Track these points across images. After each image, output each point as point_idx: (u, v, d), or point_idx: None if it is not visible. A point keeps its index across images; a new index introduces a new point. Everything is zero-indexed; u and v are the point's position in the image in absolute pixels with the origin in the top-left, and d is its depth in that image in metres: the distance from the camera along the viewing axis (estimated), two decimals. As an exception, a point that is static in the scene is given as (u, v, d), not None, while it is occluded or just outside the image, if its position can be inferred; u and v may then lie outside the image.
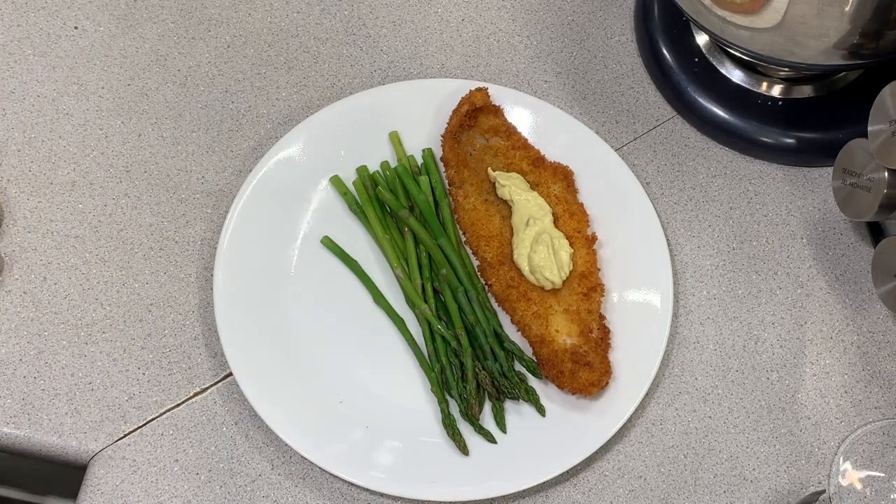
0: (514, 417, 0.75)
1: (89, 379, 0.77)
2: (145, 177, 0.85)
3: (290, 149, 0.83)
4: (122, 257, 0.81)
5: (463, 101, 0.83)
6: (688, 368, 0.79)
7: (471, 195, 0.81)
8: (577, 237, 0.79)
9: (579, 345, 0.75)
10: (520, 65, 0.91)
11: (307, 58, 0.90)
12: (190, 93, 0.88)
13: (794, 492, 0.75)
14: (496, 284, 0.78)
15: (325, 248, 0.81)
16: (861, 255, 0.83)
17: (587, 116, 0.88)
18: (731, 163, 0.87)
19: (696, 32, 0.90)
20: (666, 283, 0.78)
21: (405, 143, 0.84)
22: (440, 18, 0.93)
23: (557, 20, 0.93)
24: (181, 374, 0.77)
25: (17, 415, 0.76)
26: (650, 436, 0.76)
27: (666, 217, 0.84)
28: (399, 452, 0.74)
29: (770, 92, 0.87)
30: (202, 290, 0.80)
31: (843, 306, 0.81)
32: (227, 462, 0.75)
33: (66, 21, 0.91)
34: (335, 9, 0.93)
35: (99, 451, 0.75)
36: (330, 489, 0.74)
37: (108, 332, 0.79)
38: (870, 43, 0.73)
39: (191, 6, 0.92)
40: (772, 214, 0.85)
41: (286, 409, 0.74)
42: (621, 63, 0.91)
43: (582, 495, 0.74)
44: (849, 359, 0.79)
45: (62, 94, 0.88)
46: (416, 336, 0.78)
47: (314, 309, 0.79)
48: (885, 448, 0.62)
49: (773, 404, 0.78)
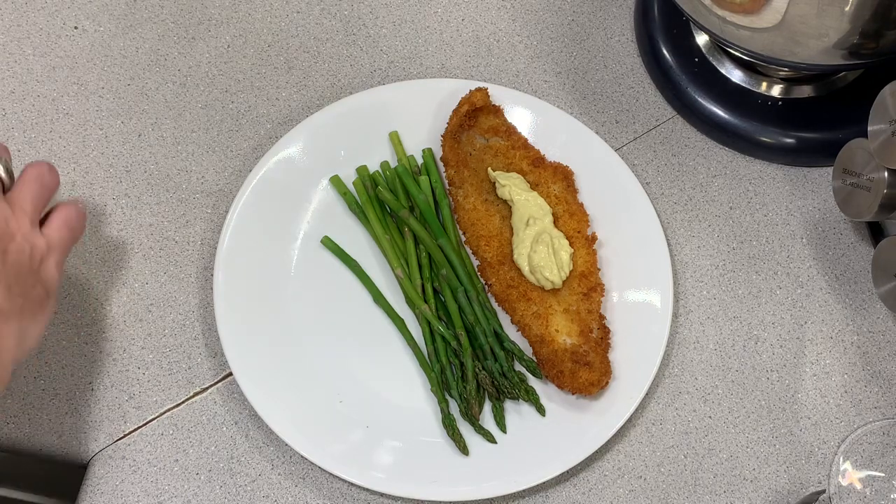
0: (514, 417, 0.75)
1: (89, 379, 0.77)
2: (145, 177, 0.85)
3: (290, 149, 0.83)
4: (122, 257, 0.81)
5: (463, 101, 0.83)
6: (688, 368, 0.79)
7: (471, 195, 0.81)
8: (577, 237, 0.79)
9: (579, 345, 0.75)
10: (520, 65, 0.91)
11: (307, 58, 0.91)
12: (190, 93, 0.88)
13: (794, 492, 0.75)
14: (496, 284, 0.78)
15: (325, 248, 0.81)
16: (861, 255, 0.83)
17: (587, 116, 0.88)
18: (731, 163, 0.87)
19: (696, 32, 0.90)
20: (666, 283, 0.78)
21: (405, 143, 0.84)
22: (440, 18, 0.93)
23: (557, 20, 0.93)
24: (181, 374, 0.77)
25: (17, 415, 0.76)
26: (650, 436, 0.76)
27: (666, 217, 0.84)
28: (399, 452, 0.74)
29: (770, 92, 0.87)
30: (202, 290, 0.80)
31: (843, 306, 0.81)
32: (227, 462, 0.75)
33: (66, 21, 0.91)
34: (335, 9, 0.93)
35: (99, 451, 0.75)
36: (330, 489, 0.74)
37: (108, 332, 0.79)
38: (870, 43, 0.73)
39: (191, 6, 0.92)
40: (772, 214, 0.85)
41: (286, 409, 0.74)
42: (621, 63, 0.91)
43: (582, 495, 0.74)
44: (849, 359, 0.79)
45: (62, 94, 0.88)
46: (416, 336, 0.78)
47: (314, 309, 0.79)
48: (885, 448, 0.62)
49: (773, 404, 0.78)
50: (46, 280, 0.65)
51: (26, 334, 0.63)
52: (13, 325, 0.62)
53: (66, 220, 0.68)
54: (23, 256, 0.63)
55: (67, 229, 0.68)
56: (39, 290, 0.64)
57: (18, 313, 0.62)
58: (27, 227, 0.64)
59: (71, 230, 0.68)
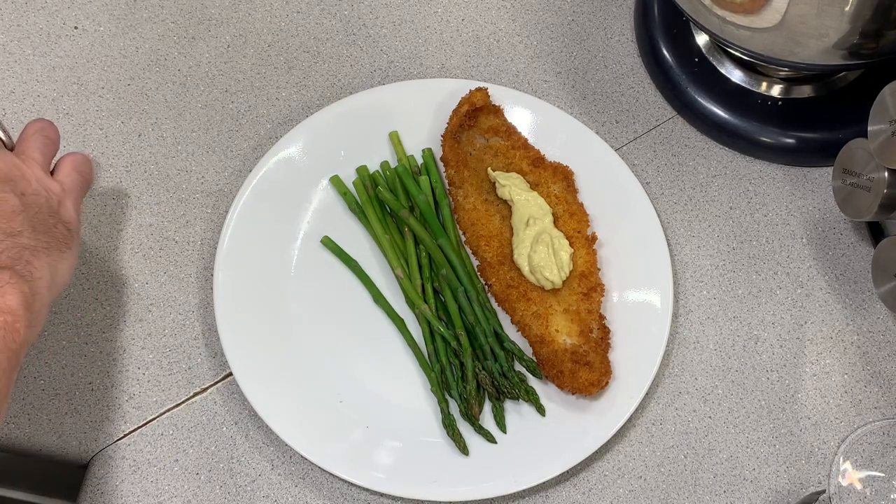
0: (514, 417, 0.75)
1: (89, 379, 0.77)
2: (145, 177, 0.85)
3: (290, 149, 0.83)
4: (122, 257, 0.81)
5: (463, 101, 0.83)
6: (688, 368, 0.79)
7: (471, 195, 0.81)
8: (577, 237, 0.79)
9: (579, 345, 0.75)
10: (520, 65, 0.91)
11: (307, 58, 0.91)
12: (190, 93, 0.88)
13: (794, 492, 0.75)
14: (496, 284, 0.78)
15: (325, 248, 0.81)
16: (861, 255, 0.83)
17: (587, 116, 0.88)
18: (731, 163, 0.87)
19: (696, 32, 0.90)
20: (666, 283, 0.78)
21: (405, 143, 0.84)
22: (440, 18, 0.93)
23: (557, 20, 0.93)
24: (181, 374, 0.77)
25: (17, 415, 0.76)
26: (650, 436, 0.76)
27: (666, 217, 0.84)
28: (399, 452, 0.74)
29: (770, 92, 0.87)
30: (202, 290, 0.80)
31: (843, 306, 0.81)
32: (227, 462, 0.75)
33: (66, 21, 0.91)
34: (335, 9, 0.93)
35: (99, 451, 0.75)
36: (330, 489, 0.74)
37: (108, 332, 0.79)
38: (870, 43, 0.73)
39: (191, 6, 0.92)
40: (772, 214, 0.85)
41: (286, 409, 0.74)
42: (621, 63, 0.91)
43: (582, 495, 0.74)
44: (849, 359, 0.79)
45: (62, 94, 0.88)
46: (416, 336, 0.78)
47: (314, 309, 0.79)
48: (885, 448, 0.62)
49: (773, 404, 0.78)
50: (66, 219, 0.69)
51: (58, 265, 0.66)
52: (44, 259, 0.65)
53: (74, 165, 0.72)
54: (40, 199, 0.67)
55: (78, 173, 0.72)
56: (62, 229, 0.68)
57: (46, 248, 0.65)
58: (40, 173, 0.69)
59: (81, 174, 0.73)
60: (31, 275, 0.63)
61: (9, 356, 0.59)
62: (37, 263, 0.64)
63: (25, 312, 0.61)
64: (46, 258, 0.65)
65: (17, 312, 0.60)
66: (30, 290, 0.62)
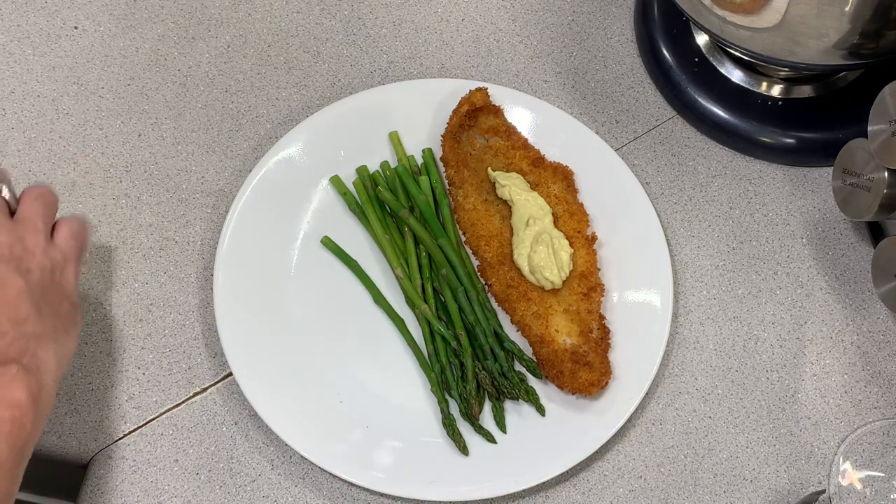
0: (514, 417, 0.75)
1: (89, 379, 0.77)
2: (145, 177, 0.85)
3: (290, 149, 0.83)
4: (122, 257, 0.81)
5: (463, 101, 0.83)
6: (688, 368, 0.79)
7: (471, 195, 0.81)
8: (577, 237, 0.79)
9: (579, 345, 0.75)
10: (520, 65, 0.91)
11: (307, 58, 0.91)
12: (190, 93, 0.88)
13: (794, 492, 0.75)
14: (496, 284, 0.78)
15: (325, 248, 0.81)
16: (861, 255, 0.83)
17: (587, 116, 0.88)
18: (731, 163, 0.87)
19: (696, 32, 0.90)
20: (666, 283, 0.78)
21: (405, 143, 0.84)
22: (440, 18, 0.93)
23: (557, 20, 0.93)
24: (181, 374, 0.77)
25: (17, 415, 0.76)
26: (650, 436, 0.76)
27: (666, 217, 0.84)
28: (399, 452, 0.74)
29: (770, 92, 0.87)
30: (202, 290, 0.80)
31: (843, 306, 0.81)
32: (227, 462, 0.75)
33: (66, 21, 0.91)
34: (335, 9, 0.93)
35: (99, 451, 0.75)
36: (330, 489, 0.74)
37: (108, 332, 0.79)
38: (870, 43, 0.73)
39: (191, 6, 0.92)
40: (772, 214, 0.85)
41: (286, 409, 0.74)
42: (621, 63, 0.91)
43: (582, 495, 0.74)
44: (849, 359, 0.79)
45: (62, 94, 0.88)
46: (416, 336, 0.78)
47: (314, 309, 0.79)
48: (885, 448, 0.62)
49: (773, 404, 0.78)
50: (69, 292, 0.68)
51: (63, 350, 0.66)
52: (50, 347, 0.64)
53: (71, 231, 0.70)
54: (45, 273, 0.66)
55: (75, 240, 0.70)
56: (67, 305, 0.67)
57: (52, 333, 0.65)
58: (43, 243, 0.67)
59: (78, 240, 0.71)
60: (38, 368, 0.62)
61: (15, 453, 0.58)
62: (43, 354, 0.63)
63: (32, 406, 0.60)
64: (53, 346, 0.64)
65: (24, 407, 0.59)
66: (37, 383, 0.61)
